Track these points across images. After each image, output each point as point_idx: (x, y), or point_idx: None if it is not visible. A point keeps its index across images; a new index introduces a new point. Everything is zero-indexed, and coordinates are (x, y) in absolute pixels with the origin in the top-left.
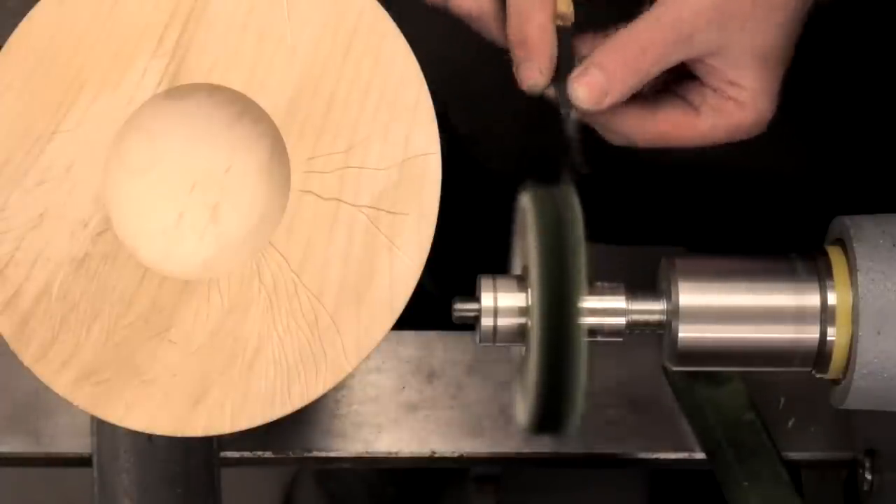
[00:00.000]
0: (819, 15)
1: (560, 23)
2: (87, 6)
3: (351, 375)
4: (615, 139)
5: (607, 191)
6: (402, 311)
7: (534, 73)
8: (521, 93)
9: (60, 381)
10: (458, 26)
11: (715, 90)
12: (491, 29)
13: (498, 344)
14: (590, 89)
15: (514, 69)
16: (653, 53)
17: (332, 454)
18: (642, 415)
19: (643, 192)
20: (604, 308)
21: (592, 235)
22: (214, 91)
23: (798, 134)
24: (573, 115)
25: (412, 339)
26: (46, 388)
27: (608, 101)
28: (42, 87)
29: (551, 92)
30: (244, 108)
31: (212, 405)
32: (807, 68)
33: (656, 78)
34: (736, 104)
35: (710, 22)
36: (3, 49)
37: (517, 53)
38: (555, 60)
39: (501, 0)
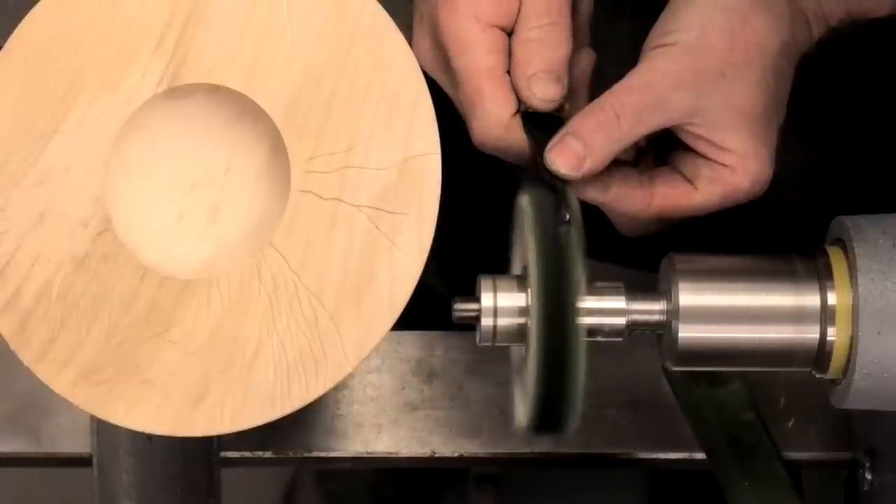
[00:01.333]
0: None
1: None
2: (87, 6)
3: (351, 375)
4: (626, 228)
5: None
6: (403, 311)
7: (580, 164)
8: None
9: (60, 381)
10: None
11: (706, 158)
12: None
13: (498, 344)
14: (566, 157)
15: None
16: (626, 118)
17: (332, 454)
18: (642, 415)
19: None
20: (604, 308)
21: (594, 252)
22: (214, 91)
23: (798, 134)
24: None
25: (412, 339)
26: (46, 388)
27: (587, 168)
28: (42, 87)
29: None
30: (244, 108)
31: (212, 405)
32: (806, 67)
33: (651, 154)
34: (729, 171)
35: (680, 84)
36: (3, 49)
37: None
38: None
39: None
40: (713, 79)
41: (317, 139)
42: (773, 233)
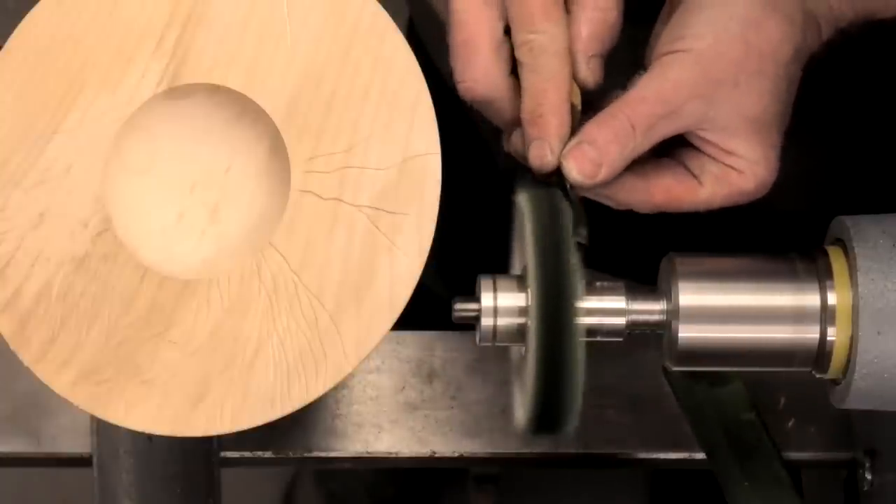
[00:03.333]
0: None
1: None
2: (87, 6)
3: (351, 375)
4: (616, 205)
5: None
6: (403, 311)
7: (544, 153)
8: None
9: (60, 381)
10: None
11: (714, 159)
12: (505, 112)
13: (498, 344)
14: (582, 165)
15: (525, 148)
16: (641, 128)
17: (332, 454)
18: (642, 415)
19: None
20: (603, 308)
21: (591, 264)
22: (214, 91)
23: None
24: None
25: (412, 339)
26: (46, 388)
27: (602, 176)
28: (42, 87)
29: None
30: (244, 108)
31: (212, 405)
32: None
33: (654, 147)
34: (736, 173)
35: (693, 95)
36: (3, 49)
37: (530, 132)
38: (565, 142)
39: (516, 82)
40: (726, 88)
41: (317, 139)
42: (773, 233)
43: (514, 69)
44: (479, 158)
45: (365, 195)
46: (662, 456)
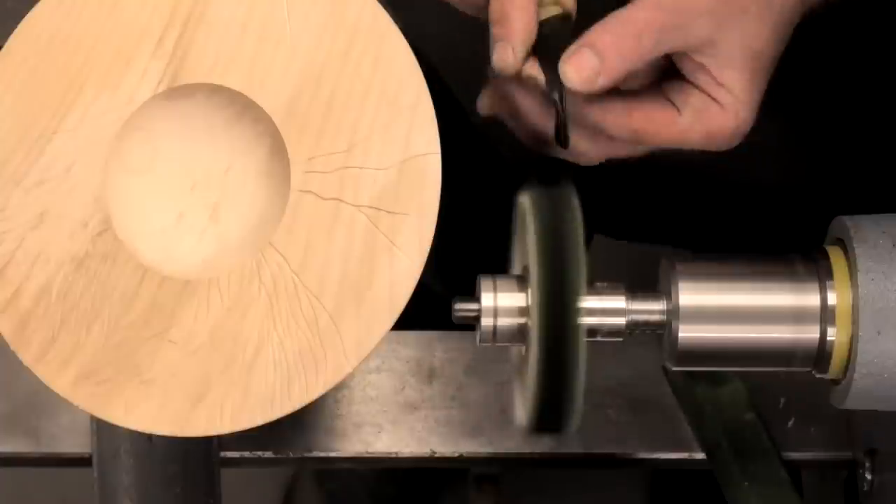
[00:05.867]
0: (817, 19)
1: (559, 10)
2: (87, 6)
3: (351, 375)
4: (584, 158)
5: (611, 185)
6: (403, 311)
7: (506, 54)
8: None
9: (60, 381)
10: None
11: (700, 89)
12: (478, 5)
13: (498, 344)
14: (581, 70)
15: (490, 49)
16: (648, 38)
17: (332, 454)
18: (642, 415)
19: (647, 189)
20: (604, 308)
21: (594, 226)
22: (214, 91)
23: (798, 134)
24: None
25: (412, 339)
26: (46, 388)
27: (600, 83)
28: (42, 87)
29: (537, 73)
30: (244, 108)
31: (212, 405)
32: (806, 67)
33: (641, 73)
34: (719, 108)
35: (706, 10)
36: (3, 49)
37: (494, 31)
38: (530, 43)
39: None
40: (736, 12)
41: (317, 139)
42: (773, 233)
43: None
44: (480, 158)
45: (365, 195)
46: (662, 456)
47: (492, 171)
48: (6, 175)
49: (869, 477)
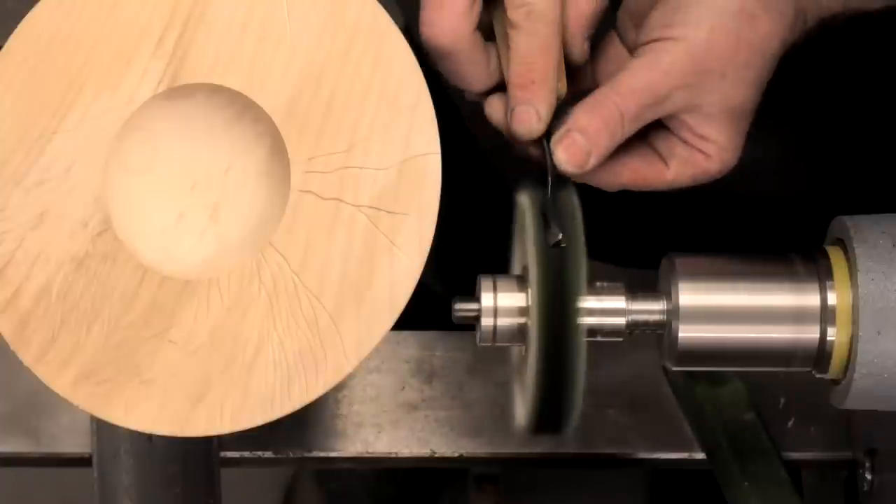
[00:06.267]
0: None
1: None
2: (87, 6)
3: (351, 375)
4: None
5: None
6: (403, 311)
7: (531, 118)
8: None
9: (60, 381)
10: None
11: (684, 142)
12: (461, 67)
13: (498, 344)
14: (573, 154)
15: (507, 113)
16: (629, 116)
17: (332, 454)
18: (642, 415)
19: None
20: (604, 308)
21: (595, 254)
22: (214, 91)
23: (798, 147)
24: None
25: (412, 339)
26: (46, 388)
27: (591, 163)
28: (42, 87)
29: (536, 152)
30: (244, 108)
31: (212, 405)
32: (805, 80)
33: None
34: (703, 156)
35: (681, 84)
36: (3, 49)
37: (517, 94)
38: (553, 110)
39: (482, 39)
40: (714, 78)
41: (317, 139)
42: (773, 233)
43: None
44: (480, 158)
45: (365, 195)
46: (662, 456)
47: (492, 172)
48: (6, 175)
49: (869, 477)
